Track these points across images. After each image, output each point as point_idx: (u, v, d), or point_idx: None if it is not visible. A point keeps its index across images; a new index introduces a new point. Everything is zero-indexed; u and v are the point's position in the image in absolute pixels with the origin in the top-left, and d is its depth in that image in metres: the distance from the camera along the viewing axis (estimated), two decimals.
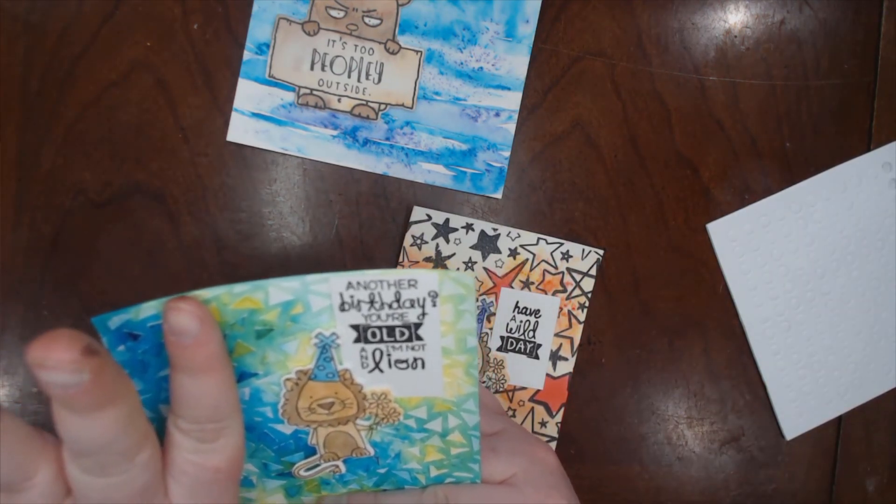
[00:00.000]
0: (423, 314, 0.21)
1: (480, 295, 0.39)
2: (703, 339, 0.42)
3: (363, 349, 0.22)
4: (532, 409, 0.40)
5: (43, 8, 0.35)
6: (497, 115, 0.39)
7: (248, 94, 0.37)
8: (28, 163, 0.36)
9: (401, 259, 0.39)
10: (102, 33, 0.36)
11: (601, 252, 0.40)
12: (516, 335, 0.40)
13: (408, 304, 0.21)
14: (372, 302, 0.21)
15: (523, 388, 0.40)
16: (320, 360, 0.22)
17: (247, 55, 0.37)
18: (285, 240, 0.38)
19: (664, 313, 0.42)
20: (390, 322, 0.21)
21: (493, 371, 0.40)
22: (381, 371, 0.22)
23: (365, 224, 0.39)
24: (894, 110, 0.43)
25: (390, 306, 0.21)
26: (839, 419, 0.44)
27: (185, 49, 0.36)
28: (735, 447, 0.43)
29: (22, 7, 0.35)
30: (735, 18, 0.41)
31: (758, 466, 0.43)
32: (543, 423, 0.41)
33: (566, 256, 0.40)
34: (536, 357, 0.40)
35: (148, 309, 0.19)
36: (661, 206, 0.41)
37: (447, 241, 0.39)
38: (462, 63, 0.38)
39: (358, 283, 0.20)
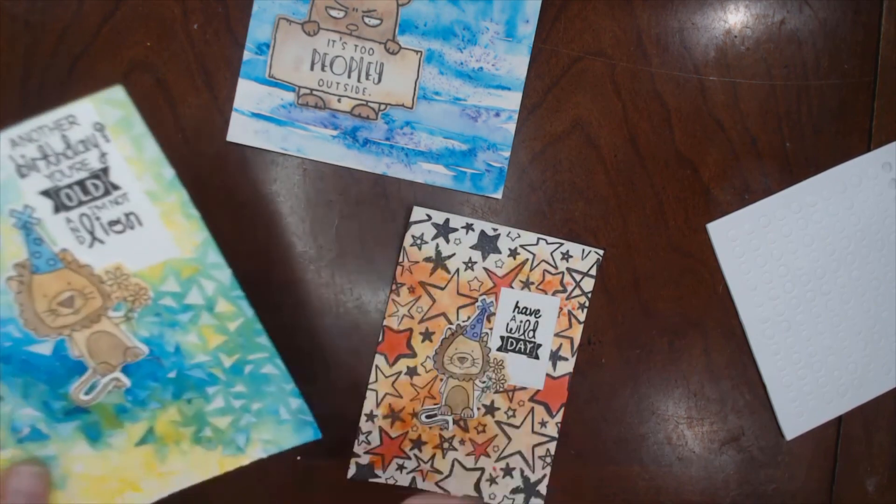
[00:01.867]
0: (103, 154, 0.20)
1: (480, 295, 0.39)
2: (703, 339, 0.42)
3: (68, 219, 0.20)
4: (532, 409, 0.40)
5: (43, 8, 0.35)
6: (497, 115, 0.39)
7: (248, 94, 0.37)
8: None
9: (401, 259, 0.39)
10: (102, 33, 0.36)
11: (601, 252, 0.40)
12: (516, 335, 0.40)
13: (81, 147, 0.20)
14: (45, 156, 0.20)
15: (523, 388, 0.40)
16: (30, 244, 0.20)
17: (247, 55, 0.37)
18: (285, 240, 0.38)
19: (664, 313, 0.42)
20: (77, 176, 0.20)
21: (493, 371, 0.40)
22: (101, 242, 0.21)
23: (365, 224, 0.39)
24: (894, 110, 0.43)
25: (66, 156, 0.20)
26: (839, 419, 0.44)
27: (185, 49, 0.36)
28: (735, 447, 0.43)
29: (22, 7, 0.35)
30: (735, 18, 0.41)
31: (758, 466, 0.43)
32: (543, 423, 0.41)
33: (566, 256, 0.40)
34: (536, 357, 0.40)
35: None
36: (661, 206, 0.41)
37: (447, 241, 0.39)
38: (462, 63, 0.38)
39: (21, 138, 0.20)
